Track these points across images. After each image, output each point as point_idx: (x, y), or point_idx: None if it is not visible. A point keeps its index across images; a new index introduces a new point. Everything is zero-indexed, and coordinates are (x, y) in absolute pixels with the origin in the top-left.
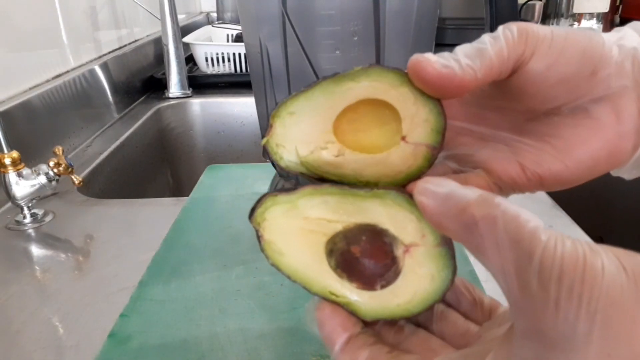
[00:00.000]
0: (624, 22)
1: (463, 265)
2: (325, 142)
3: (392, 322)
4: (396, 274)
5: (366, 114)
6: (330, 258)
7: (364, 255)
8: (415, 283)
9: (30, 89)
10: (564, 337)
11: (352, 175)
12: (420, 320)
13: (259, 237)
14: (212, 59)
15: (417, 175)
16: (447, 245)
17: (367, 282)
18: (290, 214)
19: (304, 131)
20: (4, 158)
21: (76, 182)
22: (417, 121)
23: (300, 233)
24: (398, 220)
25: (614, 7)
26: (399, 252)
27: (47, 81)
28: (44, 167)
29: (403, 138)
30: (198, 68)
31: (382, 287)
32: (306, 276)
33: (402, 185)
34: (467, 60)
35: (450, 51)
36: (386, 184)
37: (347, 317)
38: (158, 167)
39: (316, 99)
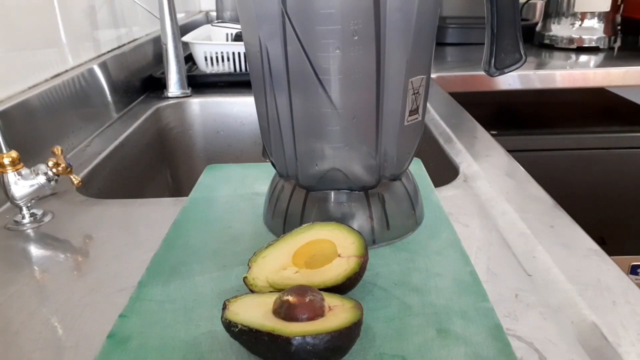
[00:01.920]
0: (625, 21)
1: (463, 266)
2: (287, 266)
3: None
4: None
5: (315, 249)
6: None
7: (299, 305)
8: (331, 320)
9: (29, 88)
10: None
11: (306, 283)
12: None
13: (223, 309)
14: (211, 58)
15: (352, 275)
16: (357, 307)
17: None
18: (250, 299)
19: (272, 265)
20: (2, 158)
21: (75, 182)
22: (347, 245)
23: (256, 304)
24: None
25: (615, 6)
26: (325, 308)
27: (46, 81)
28: (42, 167)
29: (339, 255)
30: (197, 67)
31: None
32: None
33: (342, 283)
34: None
35: (451, 49)
36: (330, 285)
37: None
38: (157, 167)
39: (280, 246)
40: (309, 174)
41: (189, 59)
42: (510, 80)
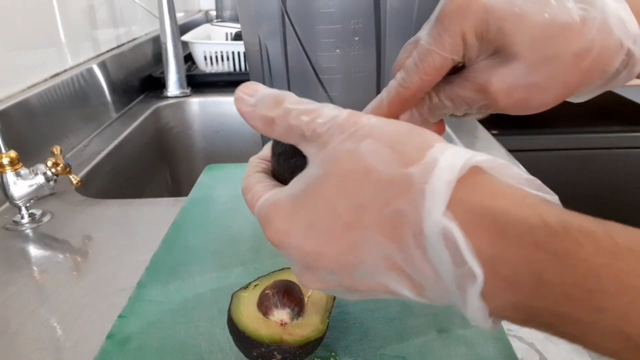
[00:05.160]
0: None
1: None
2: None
3: None
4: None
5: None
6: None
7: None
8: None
9: (28, 88)
10: None
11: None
12: None
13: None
14: (211, 58)
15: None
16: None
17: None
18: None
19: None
20: (1, 158)
21: (74, 182)
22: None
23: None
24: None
25: None
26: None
27: (45, 80)
28: (41, 167)
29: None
30: (197, 67)
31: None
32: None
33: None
34: None
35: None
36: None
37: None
38: (156, 166)
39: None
40: None
41: (189, 58)
42: None
